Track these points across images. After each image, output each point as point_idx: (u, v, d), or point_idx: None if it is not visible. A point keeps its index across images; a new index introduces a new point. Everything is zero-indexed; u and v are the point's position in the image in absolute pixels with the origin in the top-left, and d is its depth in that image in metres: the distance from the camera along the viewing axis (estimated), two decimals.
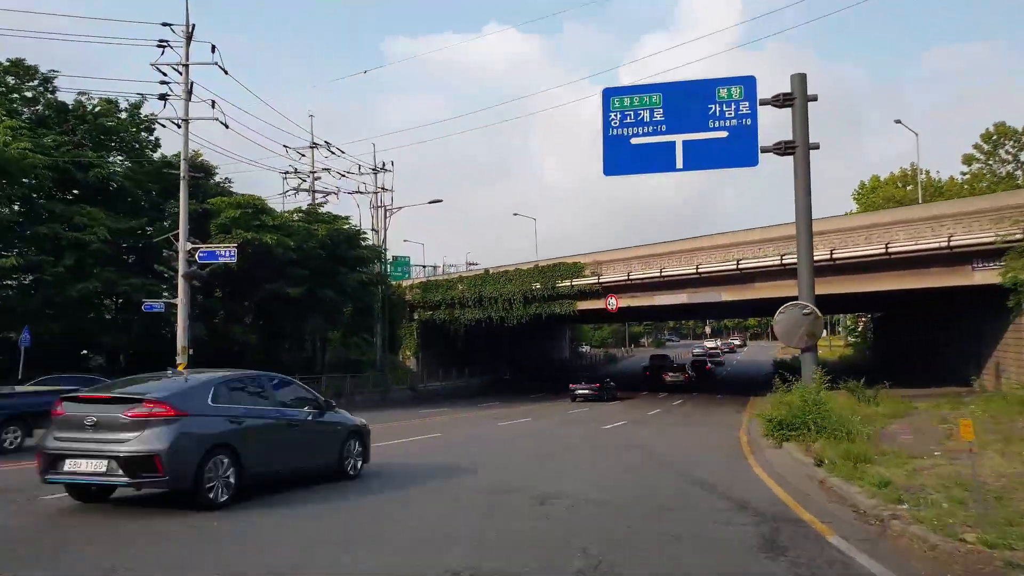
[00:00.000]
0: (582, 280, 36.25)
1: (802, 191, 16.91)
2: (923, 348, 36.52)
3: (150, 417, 8.00)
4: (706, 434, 19.81)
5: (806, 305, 17.21)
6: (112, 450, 7.88)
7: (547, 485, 10.45)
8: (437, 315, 44.23)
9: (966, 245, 22.97)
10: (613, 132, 17.67)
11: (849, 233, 25.61)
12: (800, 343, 17.47)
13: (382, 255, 40.67)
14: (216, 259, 26.86)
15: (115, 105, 30.27)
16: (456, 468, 12.32)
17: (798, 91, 16.88)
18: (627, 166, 17.78)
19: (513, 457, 13.89)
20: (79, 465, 8.00)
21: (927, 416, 19.29)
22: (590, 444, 17.01)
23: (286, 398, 10.09)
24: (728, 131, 17.09)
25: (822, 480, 10.71)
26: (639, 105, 17.61)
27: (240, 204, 30.54)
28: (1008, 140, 54.04)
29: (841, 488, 9.63)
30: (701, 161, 17.30)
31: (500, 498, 9.30)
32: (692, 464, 13.14)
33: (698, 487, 10.47)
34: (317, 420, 10.27)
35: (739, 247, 29.78)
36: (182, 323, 26.87)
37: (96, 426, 8.03)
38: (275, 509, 8.57)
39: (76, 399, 8.55)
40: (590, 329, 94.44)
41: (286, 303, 32.38)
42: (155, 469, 7.85)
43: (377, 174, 41.26)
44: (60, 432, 8.27)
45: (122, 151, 31.43)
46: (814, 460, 11.90)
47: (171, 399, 8.28)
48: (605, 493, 9.79)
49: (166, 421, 8.03)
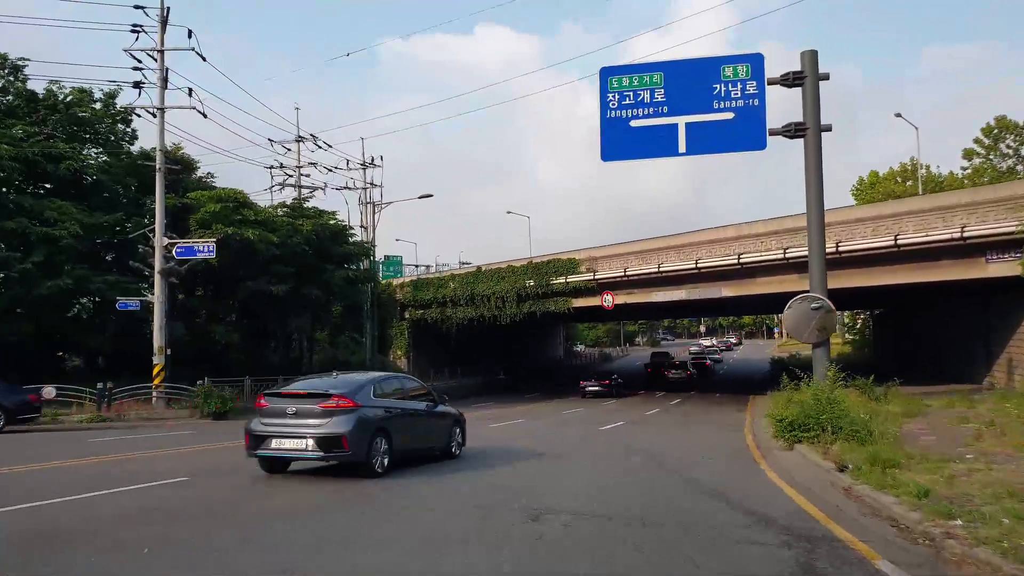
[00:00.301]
0: (577, 277, 35.17)
1: (814, 176, 15.85)
2: (926, 345, 35.56)
3: (336, 408, 10.44)
4: (710, 435, 18.71)
5: (816, 298, 16.13)
6: (310, 432, 10.33)
7: (542, 496, 9.33)
8: (428, 314, 43.12)
9: (980, 236, 21.89)
10: (611, 114, 16.56)
11: (855, 225, 24.53)
12: (811, 338, 16.40)
13: (370, 252, 39.38)
14: (194, 255, 25.68)
15: (89, 95, 29.01)
16: (435, 477, 11.17)
17: (809, 69, 15.81)
18: (626, 150, 16.66)
19: (503, 464, 12.72)
20: (283, 443, 10.51)
21: (943, 415, 18.26)
22: (588, 447, 15.88)
23: (415, 394, 12.80)
24: (734, 112, 16.00)
25: (847, 488, 9.61)
26: (639, 85, 16.50)
27: (221, 198, 29.31)
28: (1009, 134, 53.23)
29: (872, 498, 8.53)
30: (705, 144, 16.18)
31: (487, 516, 8.15)
32: (700, 469, 12.03)
33: (711, 497, 9.35)
34: (432, 411, 12.80)
35: (740, 241, 28.72)
36: (158, 322, 25.68)
37: (296, 414, 10.48)
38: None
39: (277, 394, 11.12)
40: (585, 328, 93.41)
41: (270, 301, 31.16)
42: (342, 446, 10.35)
43: (366, 169, 40.06)
44: (265, 419, 10.70)
45: (97, 144, 30.13)
46: (835, 465, 10.81)
47: (350, 395, 10.70)
48: (607, 506, 8.65)
49: (348, 411, 10.46)
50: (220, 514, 8.26)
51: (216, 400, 25.27)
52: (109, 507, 8.61)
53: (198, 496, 9.47)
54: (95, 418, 23.39)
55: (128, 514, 8.12)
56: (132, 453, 14.43)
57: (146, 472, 11.31)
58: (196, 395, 25.51)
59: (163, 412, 25.28)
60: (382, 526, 7.68)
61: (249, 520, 7.97)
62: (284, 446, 10.52)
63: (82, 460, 13.14)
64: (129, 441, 17.00)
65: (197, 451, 15.14)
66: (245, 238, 28.20)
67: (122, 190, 30.75)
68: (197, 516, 8.11)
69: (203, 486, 10.27)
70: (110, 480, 10.45)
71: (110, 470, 11.83)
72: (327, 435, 10.28)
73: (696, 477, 11.01)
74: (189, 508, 8.58)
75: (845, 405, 14.19)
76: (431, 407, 12.78)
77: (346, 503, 9.20)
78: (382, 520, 7.98)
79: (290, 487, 10.37)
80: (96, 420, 23.27)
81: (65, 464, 12.66)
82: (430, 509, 8.76)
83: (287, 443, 10.48)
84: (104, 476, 11.01)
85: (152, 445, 15.99)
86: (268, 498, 9.52)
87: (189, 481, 10.56)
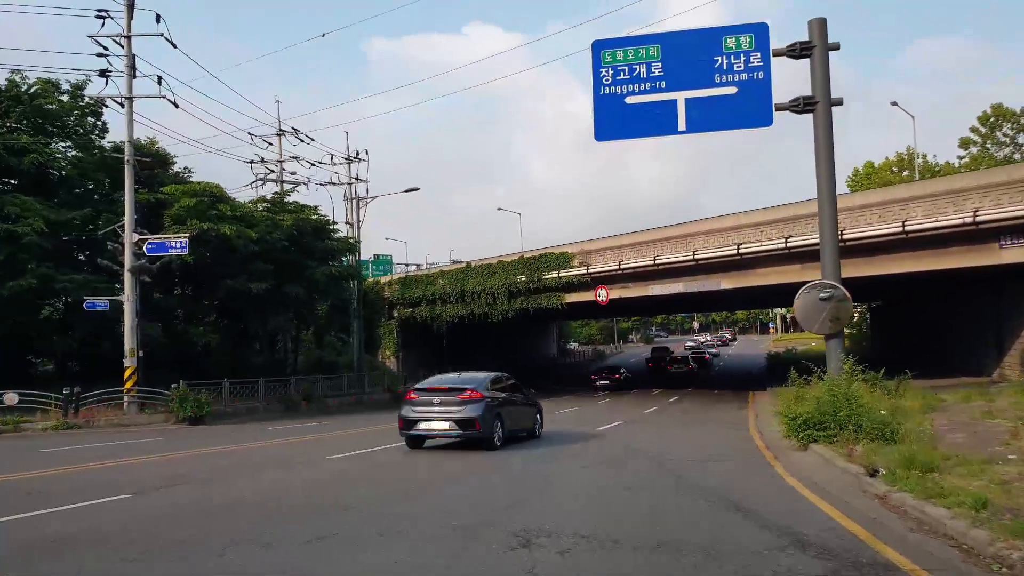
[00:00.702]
0: (570, 271, 33.99)
1: (824, 154, 14.67)
2: (929, 337, 34.45)
3: (470, 398, 13.71)
4: (714, 435, 17.52)
5: (828, 286, 15.01)
6: (452, 416, 13.69)
7: (533, 513, 8.11)
8: (417, 312, 41.89)
9: (994, 220, 20.76)
10: (605, 90, 15.39)
11: (861, 211, 23.39)
12: (822, 329, 15.26)
13: (355, 247, 38.01)
14: (166, 251, 24.34)
15: (55, 86, 27.56)
16: (398, 493, 9.95)
17: (817, 38, 14.66)
18: (622, 129, 15.46)
19: (491, 474, 11.48)
20: (431, 425, 13.92)
21: (963, 410, 17.13)
22: (586, 450, 14.64)
23: (512, 388, 15.74)
24: (737, 86, 14.85)
25: (883, 496, 8.45)
26: (634, 59, 15.31)
27: (196, 192, 27.96)
28: (1007, 121, 52.40)
29: (918, 509, 7.36)
30: (707, 122, 15.01)
31: (468, 541, 6.91)
32: (711, 475, 10.80)
33: (729, 509, 8.14)
34: (524, 402, 16.26)
35: (739, 230, 27.57)
36: (129, 323, 24.33)
37: (441, 403, 13.80)
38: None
39: (423, 389, 14.39)
40: (578, 325, 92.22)
41: (250, 300, 29.84)
42: (475, 427, 13.63)
43: (351, 164, 38.77)
44: (415, 407, 14.00)
45: (66, 137, 28.66)
46: (864, 468, 9.63)
47: (478, 388, 13.95)
48: (611, 525, 7.42)
49: (478, 400, 13.75)
50: (158, 546, 6.97)
51: (192, 404, 24.05)
52: (27, 532, 7.35)
53: (136, 518, 8.20)
54: (61, 425, 22.09)
55: (43, 544, 6.85)
56: (86, 464, 13.14)
57: (91, 487, 10.05)
58: (171, 399, 24.23)
59: (135, 418, 23.96)
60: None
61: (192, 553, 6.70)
62: (432, 427, 13.91)
63: (24, 473, 11.82)
64: (87, 450, 15.67)
65: (158, 461, 13.83)
66: (222, 234, 26.87)
67: (93, 185, 29.35)
68: (134, 542, 6.82)
69: (146, 505, 9.01)
70: (44, 499, 9.15)
71: (51, 486, 10.52)
72: (465, 418, 13.55)
73: (709, 485, 9.79)
74: (128, 533, 7.27)
75: (865, 401, 13.07)
76: (523, 399, 16.28)
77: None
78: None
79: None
80: (62, 427, 21.98)
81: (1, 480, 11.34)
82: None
83: (434, 424, 13.83)
84: (41, 494, 9.71)
85: (111, 454, 14.67)
86: (207, 518, 8.25)
87: (131, 500, 9.27)
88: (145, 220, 27.72)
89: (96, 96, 26.11)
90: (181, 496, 9.55)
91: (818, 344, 72.12)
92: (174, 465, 13.08)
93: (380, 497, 9.43)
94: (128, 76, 23.93)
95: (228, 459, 14.07)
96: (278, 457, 14.18)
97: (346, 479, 11.09)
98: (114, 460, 13.73)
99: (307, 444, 17.08)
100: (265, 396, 29.01)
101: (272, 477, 11.48)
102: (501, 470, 11.86)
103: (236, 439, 18.39)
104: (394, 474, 11.82)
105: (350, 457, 13.82)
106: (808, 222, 25.33)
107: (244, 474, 11.76)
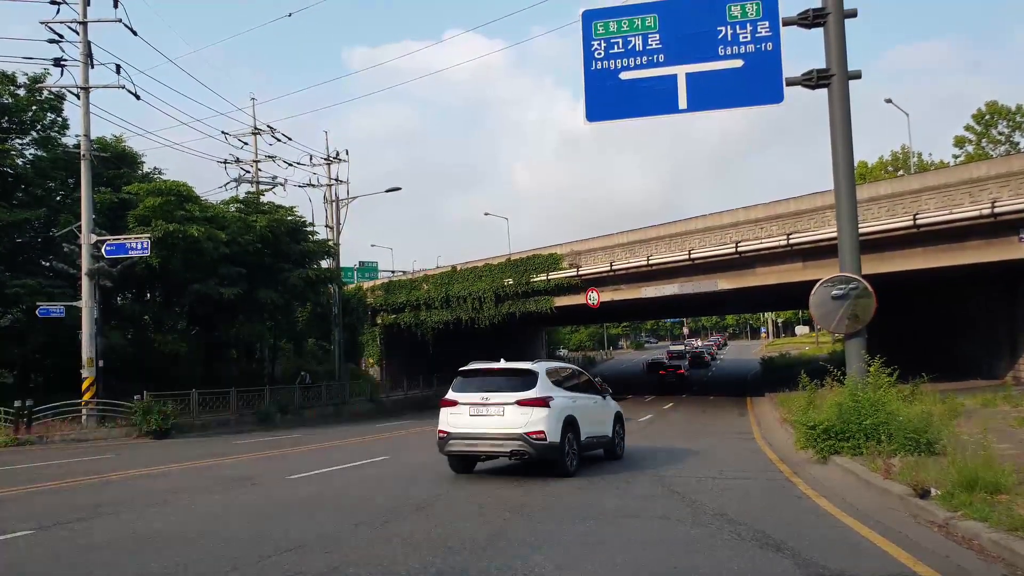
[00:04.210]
0: (559, 273, 32.49)
1: (841, 133, 13.24)
2: (935, 338, 33.08)
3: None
4: (720, 447, 15.97)
5: (844, 280, 13.50)
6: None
7: (517, 554, 6.54)
8: (401, 318, 40.25)
9: (1015, 212, 19.38)
10: (596, 66, 13.93)
11: (868, 204, 21.95)
12: (839, 328, 13.82)
13: (333, 250, 36.32)
14: (126, 253, 22.68)
15: (11, 79, 25.85)
16: (363, 525, 8.35)
17: (832, 5, 13.26)
18: (615, 109, 13.98)
19: (466, 504, 9.83)
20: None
21: (990, 415, 15.68)
22: (583, 467, 13.02)
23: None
24: (744, 59, 13.42)
25: (943, 524, 6.95)
26: (629, 30, 13.87)
27: (162, 191, 26.26)
28: (1002, 119, 51.52)
29: (1002, 546, 5.85)
30: (711, 99, 13.55)
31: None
32: (728, 498, 9.24)
33: (762, 546, 6.58)
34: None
35: (737, 227, 26.14)
36: (87, 330, 22.62)
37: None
38: None
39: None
40: (567, 332, 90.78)
41: (221, 306, 28.14)
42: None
43: (331, 164, 37.17)
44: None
45: (23, 133, 26.93)
46: (911, 489, 8.13)
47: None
48: (625, 572, 5.87)
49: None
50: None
51: (157, 416, 22.37)
52: None
53: (12, 563, 6.58)
54: (11, 441, 20.45)
55: None
56: (10, 488, 11.50)
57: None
58: (134, 411, 22.54)
59: (94, 432, 22.23)
60: None
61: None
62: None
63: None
64: (20, 472, 13.97)
65: (95, 483, 12.15)
66: (189, 235, 25.18)
67: (54, 185, 27.65)
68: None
69: (39, 543, 7.37)
70: None
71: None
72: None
73: (728, 513, 8.21)
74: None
75: (895, 406, 11.60)
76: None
77: None
78: None
79: None
80: (12, 444, 20.28)
81: None
82: None
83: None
84: None
85: (47, 476, 12.98)
86: (102, 564, 6.63)
87: (25, 539, 7.60)
88: (110, 222, 26.05)
89: (52, 87, 24.42)
90: (93, 532, 7.90)
91: (808, 351, 71.31)
92: (108, 489, 11.42)
93: (340, 533, 7.82)
94: (84, 65, 22.29)
95: (171, 480, 12.37)
96: (231, 477, 12.48)
97: (303, 506, 9.46)
98: (43, 483, 12.03)
99: (271, 460, 15.43)
100: (238, 407, 27.32)
101: (212, 502, 9.85)
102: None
103: (196, 455, 16.73)
104: (359, 500, 10.20)
105: (312, 478, 12.14)
106: (812, 217, 23.98)
107: (181, 499, 10.09)
